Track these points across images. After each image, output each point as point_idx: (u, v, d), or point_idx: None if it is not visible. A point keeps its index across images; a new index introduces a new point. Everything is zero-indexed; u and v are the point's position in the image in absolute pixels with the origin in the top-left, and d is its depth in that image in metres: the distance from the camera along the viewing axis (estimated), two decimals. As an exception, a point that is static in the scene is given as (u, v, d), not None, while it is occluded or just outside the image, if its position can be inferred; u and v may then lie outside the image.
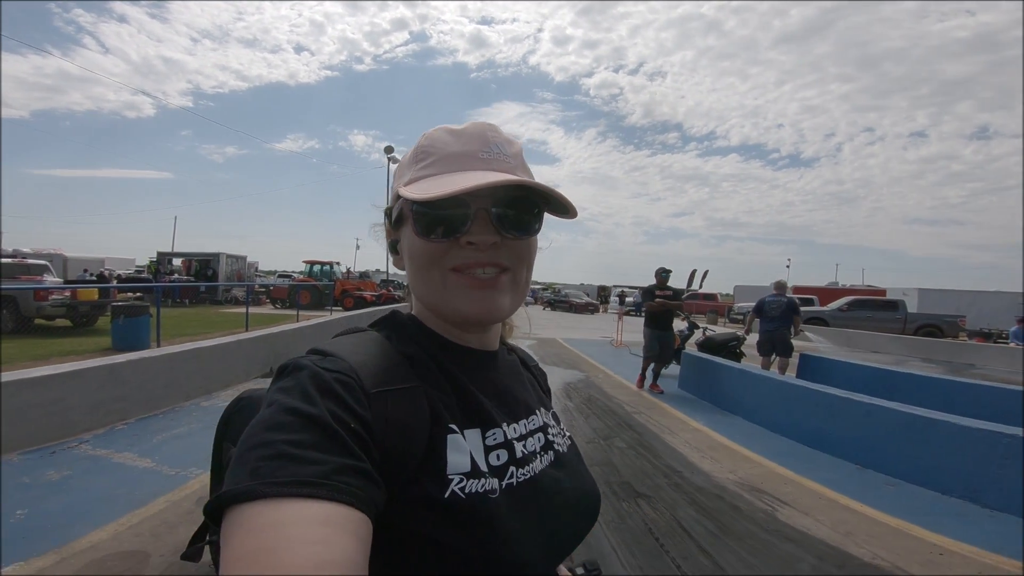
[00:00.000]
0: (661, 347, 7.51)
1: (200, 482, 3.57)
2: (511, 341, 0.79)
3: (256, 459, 0.41)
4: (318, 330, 9.61)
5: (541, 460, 0.61)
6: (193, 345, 6.23)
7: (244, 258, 27.45)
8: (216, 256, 24.92)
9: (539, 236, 0.62)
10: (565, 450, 0.67)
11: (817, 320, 20.70)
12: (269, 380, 0.52)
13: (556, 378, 8.35)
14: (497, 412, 0.60)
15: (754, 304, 8.81)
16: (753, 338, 8.78)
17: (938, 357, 14.16)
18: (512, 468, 0.56)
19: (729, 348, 8.64)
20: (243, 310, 12.16)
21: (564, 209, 0.60)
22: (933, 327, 19.41)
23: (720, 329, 11.24)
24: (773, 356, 8.34)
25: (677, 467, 4.38)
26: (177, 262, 26.07)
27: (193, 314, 16.61)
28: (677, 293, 7.60)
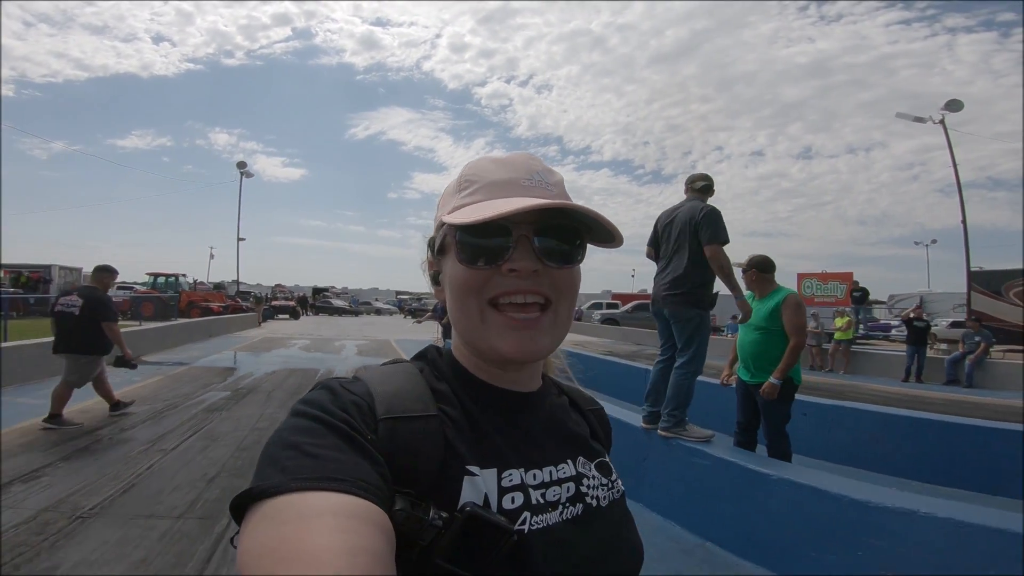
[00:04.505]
0: None
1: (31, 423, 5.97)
2: (565, 382, 0.75)
3: (284, 459, 0.43)
4: (138, 335, 11.50)
5: (564, 512, 0.56)
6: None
7: (80, 270, 26.78)
8: (48, 268, 24.29)
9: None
10: (604, 504, 0.62)
11: (611, 320, 25.92)
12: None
13: (357, 363, 11.23)
14: (516, 456, 0.57)
15: None
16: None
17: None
18: (526, 514, 0.53)
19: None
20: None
21: (608, 237, 0.59)
22: (695, 324, 25.22)
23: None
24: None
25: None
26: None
27: (26, 325, 16.96)
28: None
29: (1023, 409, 6.96)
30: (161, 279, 25.74)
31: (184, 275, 26.86)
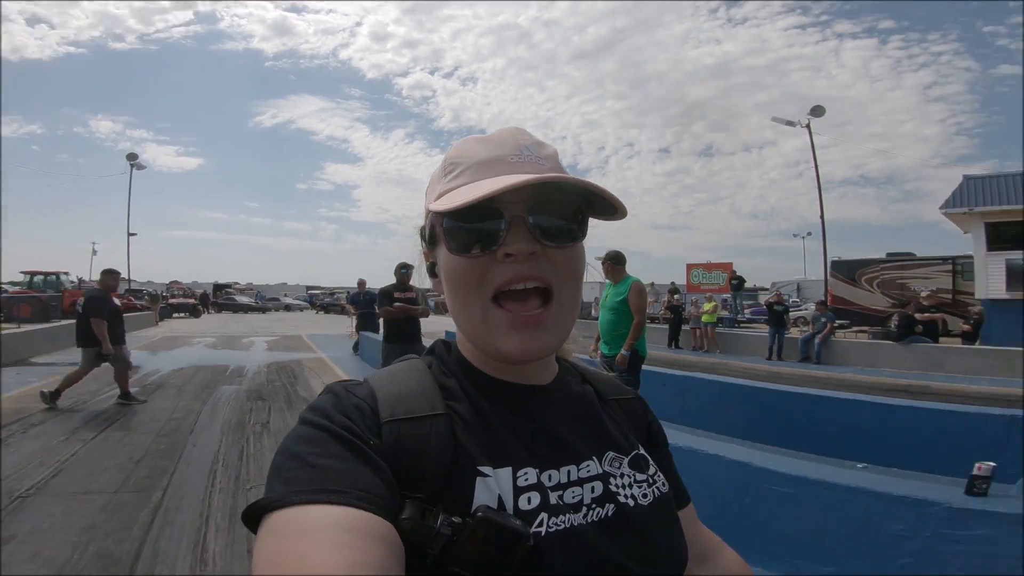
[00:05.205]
0: None
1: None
2: (594, 370, 0.71)
3: (287, 470, 0.44)
4: (22, 338, 11.24)
5: (589, 514, 0.52)
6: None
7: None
8: None
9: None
10: (645, 503, 0.57)
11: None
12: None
13: (268, 358, 11.37)
14: (531, 455, 0.53)
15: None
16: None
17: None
18: (543, 515, 0.49)
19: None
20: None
21: (610, 210, 0.56)
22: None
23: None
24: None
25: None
26: None
27: None
28: (423, 294, 6.17)
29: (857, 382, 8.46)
30: (39, 278, 23.55)
31: (66, 273, 24.75)
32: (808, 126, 19.93)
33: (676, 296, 16.48)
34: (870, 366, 11.73)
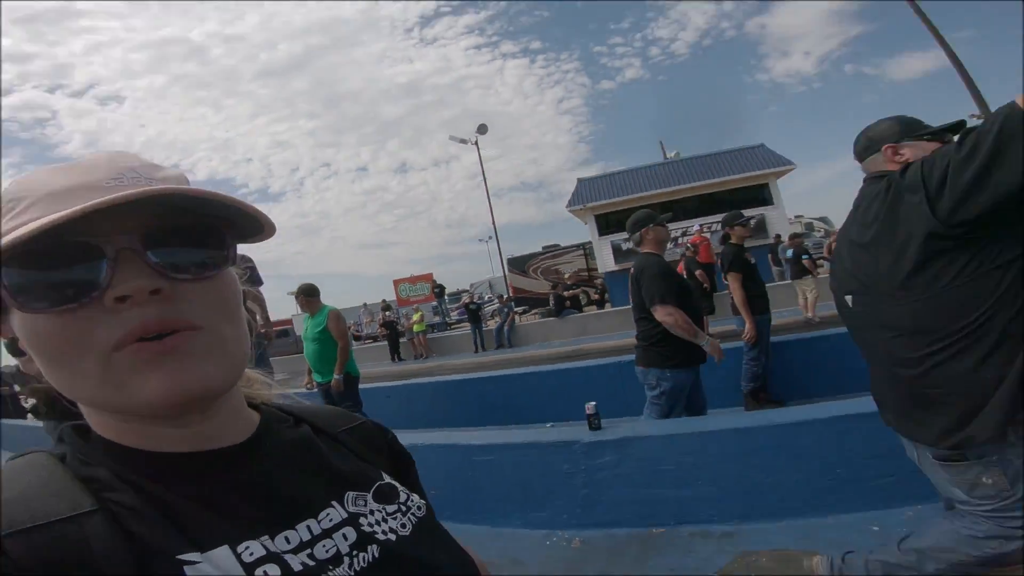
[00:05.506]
0: None
1: None
2: (311, 406, 0.61)
3: None
4: None
5: (354, 563, 0.45)
6: None
7: None
8: None
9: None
10: (407, 533, 0.51)
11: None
12: None
13: None
14: (249, 525, 0.43)
15: None
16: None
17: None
18: None
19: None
20: None
21: (255, 228, 0.46)
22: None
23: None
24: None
25: None
26: None
27: None
28: None
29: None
30: None
31: None
32: (476, 143, 20.89)
33: (388, 312, 17.14)
34: (546, 341, 14.13)
